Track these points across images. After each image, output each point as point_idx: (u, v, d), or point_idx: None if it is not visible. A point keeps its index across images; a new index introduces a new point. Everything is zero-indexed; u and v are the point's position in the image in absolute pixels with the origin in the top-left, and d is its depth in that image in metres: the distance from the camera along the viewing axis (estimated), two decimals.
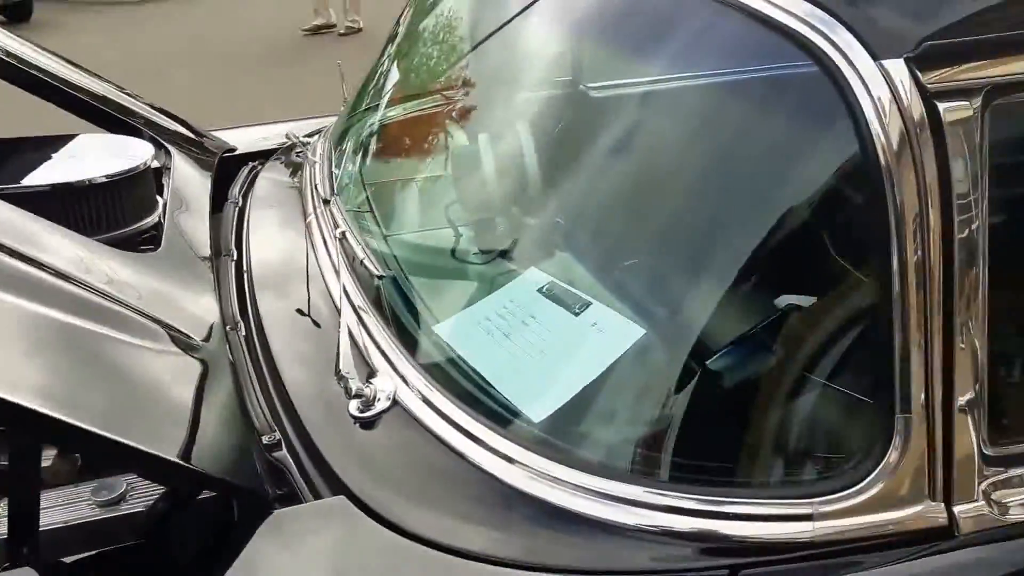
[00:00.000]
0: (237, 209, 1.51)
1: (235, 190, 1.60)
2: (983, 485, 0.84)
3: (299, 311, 1.19)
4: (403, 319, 1.14)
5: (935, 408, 0.82)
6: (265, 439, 1.02)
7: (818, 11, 0.82)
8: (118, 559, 1.01)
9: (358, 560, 0.88)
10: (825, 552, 0.82)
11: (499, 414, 0.98)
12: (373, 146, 1.48)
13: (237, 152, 1.75)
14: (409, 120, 1.51)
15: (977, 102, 0.79)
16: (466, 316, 1.13)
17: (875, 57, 0.79)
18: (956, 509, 0.83)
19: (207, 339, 1.13)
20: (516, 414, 0.98)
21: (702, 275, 0.99)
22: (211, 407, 1.03)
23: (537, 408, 0.96)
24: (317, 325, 1.17)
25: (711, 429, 0.92)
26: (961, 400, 0.82)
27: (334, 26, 6.84)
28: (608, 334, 1.00)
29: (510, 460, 0.92)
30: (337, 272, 1.17)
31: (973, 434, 0.83)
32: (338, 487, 0.94)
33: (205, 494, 1.00)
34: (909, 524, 0.83)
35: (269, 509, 0.93)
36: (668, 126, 1.09)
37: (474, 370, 1.04)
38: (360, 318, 1.10)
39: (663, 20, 1.08)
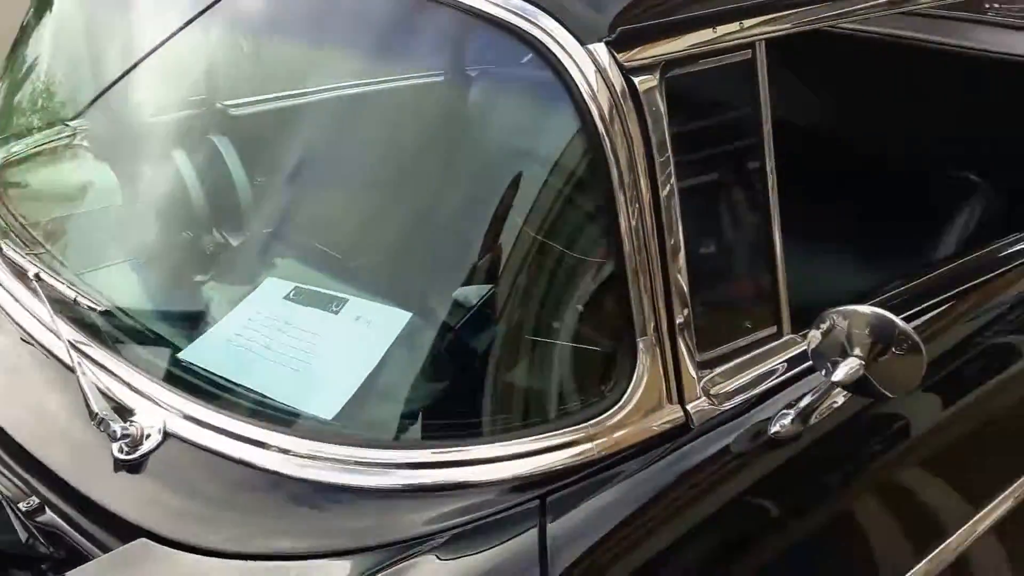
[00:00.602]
0: None
1: None
2: (701, 384, 1.04)
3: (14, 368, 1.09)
4: (147, 353, 1.11)
5: (662, 331, 1.01)
6: (22, 506, 0.94)
7: (524, 3, 0.96)
8: None
9: None
10: (608, 464, 0.96)
11: (282, 419, 1.01)
12: (33, 179, 1.38)
13: None
14: (65, 148, 1.43)
15: (657, 75, 0.97)
16: (213, 337, 1.13)
17: (581, 42, 0.94)
18: (688, 407, 1.02)
19: None
20: (301, 416, 1.02)
21: (448, 252, 1.10)
22: None
23: (326, 405, 1.01)
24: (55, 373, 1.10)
25: (492, 385, 1.03)
26: (678, 321, 1.01)
27: None
28: (376, 324, 1.07)
29: (304, 456, 0.96)
30: (52, 317, 1.09)
31: (690, 346, 1.03)
32: (132, 532, 0.91)
33: None
34: (659, 427, 1.01)
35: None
36: (387, 120, 1.18)
37: (244, 385, 1.05)
38: (95, 360, 1.05)
39: (373, 20, 1.16)
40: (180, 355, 1.11)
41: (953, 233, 1.77)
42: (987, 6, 2.23)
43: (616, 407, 0.98)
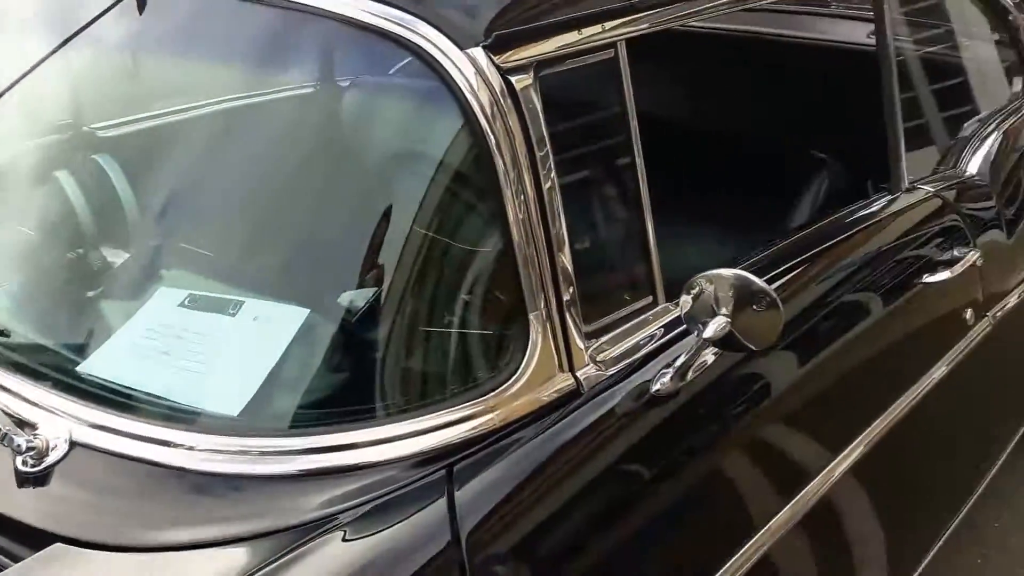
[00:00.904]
0: None
1: None
2: (588, 352, 1.14)
3: None
4: (47, 368, 1.14)
5: (551, 308, 1.10)
6: None
7: (403, 13, 1.04)
8: None
9: None
10: (509, 432, 1.05)
11: (186, 418, 1.07)
12: None
13: None
14: None
15: (532, 74, 1.07)
16: (110, 349, 1.16)
17: (460, 47, 1.03)
18: (578, 374, 1.12)
19: None
20: (206, 414, 1.08)
21: (344, 249, 1.16)
22: None
23: (231, 402, 1.06)
24: None
25: (394, 369, 1.10)
26: (565, 299, 1.11)
27: None
28: (274, 322, 1.12)
29: (208, 451, 1.02)
30: None
31: (577, 320, 1.13)
32: (45, 540, 0.95)
33: None
34: (553, 394, 1.10)
35: None
36: (274, 128, 1.23)
37: (146, 391, 1.09)
38: None
39: (258, 34, 1.21)
40: (79, 368, 1.14)
41: (805, 205, 1.94)
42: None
43: (512, 379, 1.07)
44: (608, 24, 1.15)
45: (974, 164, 1.92)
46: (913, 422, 1.57)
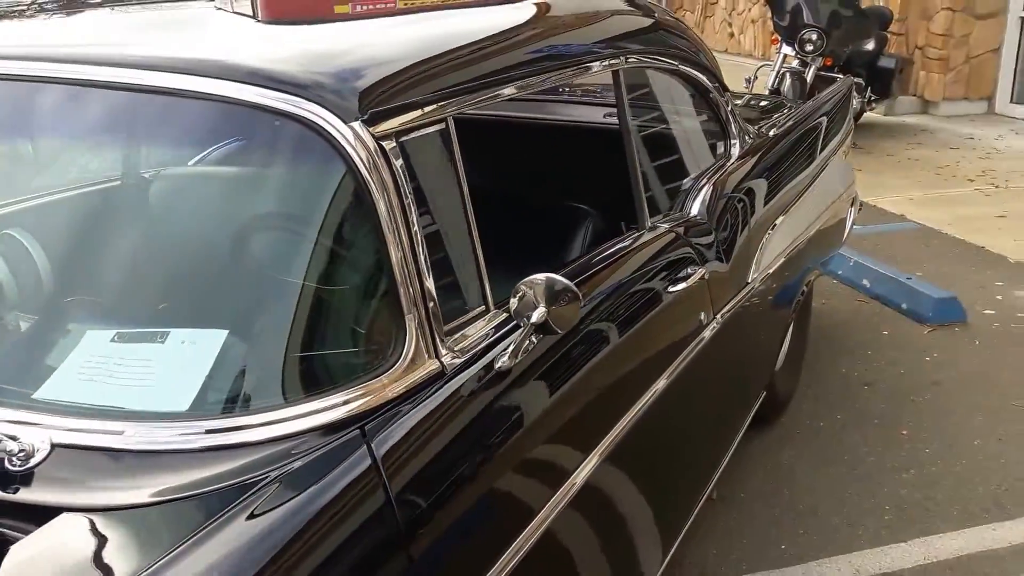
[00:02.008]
0: None
1: None
2: (446, 345, 1.53)
3: None
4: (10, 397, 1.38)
5: (420, 314, 1.47)
6: None
7: (301, 99, 1.41)
8: None
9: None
10: (399, 401, 1.41)
11: (139, 415, 1.35)
12: None
13: None
14: None
15: (395, 140, 1.47)
16: (59, 381, 1.41)
17: (344, 121, 1.42)
18: (442, 360, 1.51)
19: None
20: (158, 413, 1.36)
21: (258, 279, 1.50)
22: None
23: (179, 402, 1.36)
24: None
25: (315, 362, 1.44)
26: (430, 306, 1.50)
27: None
28: (200, 342, 1.43)
29: (176, 435, 1.31)
30: None
31: (439, 322, 1.51)
32: (48, 514, 1.20)
33: None
34: (426, 373, 1.47)
35: None
36: (185, 191, 1.55)
37: (104, 407, 1.36)
38: None
39: (183, 115, 1.53)
40: (35, 396, 1.40)
41: (578, 242, 2.46)
42: (565, 90, 3.13)
43: (397, 364, 1.43)
44: (439, 104, 1.58)
45: (695, 208, 2.51)
46: (669, 399, 2.07)
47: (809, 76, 7.65)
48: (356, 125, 1.43)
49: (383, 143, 1.45)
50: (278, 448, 1.30)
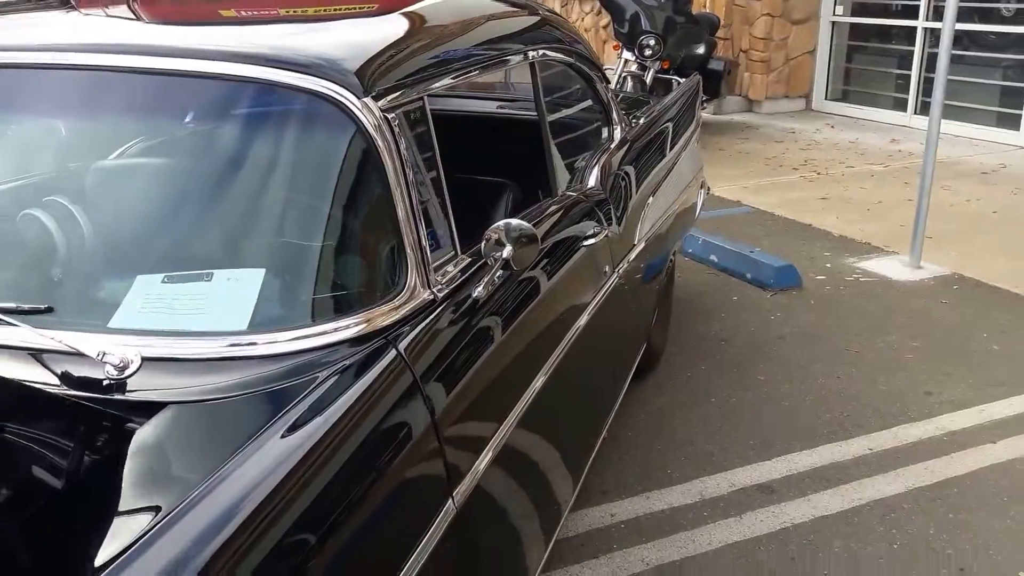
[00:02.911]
0: None
1: None
2: (430, 278, 1.90)
3: None
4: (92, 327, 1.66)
5: (418, 254, 1.84)
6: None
7: (326, 82, 1.76)
8: None
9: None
10: (407, 320, 1.77)
11: (205, 334, 1.66)
12: None
13: None
14: None
15: (396, 111, 1.84)
16: (126, 314, 1.70)
17: (358, 97, 1.77)
18: (434, 290, 1.87)
19: None
20: (229, 332, 1.67)
21: (291, 224, 1.82)
22: None
23: (238, 322, 1.68)
24: None
25: (348, 290, 1.78)
26: (424, 247, 1.86)
27: None
28: (243, 279, 1.75)
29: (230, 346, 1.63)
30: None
31: (428, 260, 1.88)
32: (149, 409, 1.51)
33: None
34: (421, 302, 1.84)
35: None
36: (230, 149, 1.85)
37: (174, 330, 1.66)
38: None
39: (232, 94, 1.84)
40: (110, 325, 1.69)
41: (502, 208, 2.88)
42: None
43: (403, 291, 1.80)
44: (417, 85, 1.96)
45: (591, 181, 2.95)
46: (586, 339, 2.50)
47: (648, 78, 8.32)
48: (367, 100, 1.79)
49: (386, 114, 1.81)
50: (329, 353, 1.64)
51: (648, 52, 8.22)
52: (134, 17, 2.23)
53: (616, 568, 2.83)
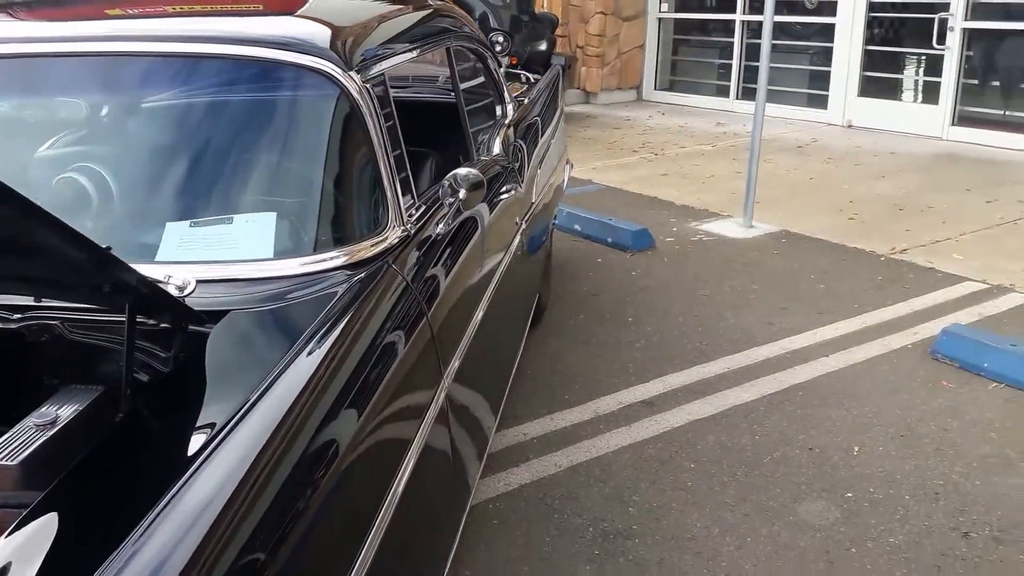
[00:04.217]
0: None
1: None
2: (404, 217, 2.38)
3: None
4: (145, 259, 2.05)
5: (395, 197, 2.32)
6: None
7: (322, 60, 2.21)
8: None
9: None
10: (393, 249, 2.25)
11: (254, 259, 2.08)
12: None
13: None
14: None
15: (372, 81, 2.31)
16: (167, 250, 2.10)
17: (345, 71, 2.23)
18: (407, 227, 2.35)
19: None
20: (261, 259, 2.09)
21: (292, 177, 2.26)
22: None
23: (265, 250, 2.11)
24: None
25: (343, 229, 2.23)
26: (398, 190, 2.35)
27: None
28: (259, 220, 2.18)
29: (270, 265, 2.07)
30: None
31: (402, 203, 2.37)
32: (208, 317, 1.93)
33: None
34: (400, 236, 2.32)
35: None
36: (239, 116, 2.26)
37: (214, 259, 2.08)
38: None
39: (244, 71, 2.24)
40: (157, 259, 2.08)
41: (428, 174, 3.37)
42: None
43: (387, 227, 2.27)
44: (381, 63, 2.43)
45: (496, 148, 3.48)
46: (509, 273, 3.03)
47: (500, 74, 8.91)
48: (352, 74, 2.25)
49: (365, 84, 2.28)
50: (345, 272, 2.09)
51: (498, 48, 8.81)
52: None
53: (535, 471, 3.37)
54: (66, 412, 1.66)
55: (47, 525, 1.29)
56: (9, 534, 1.25)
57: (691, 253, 5.74)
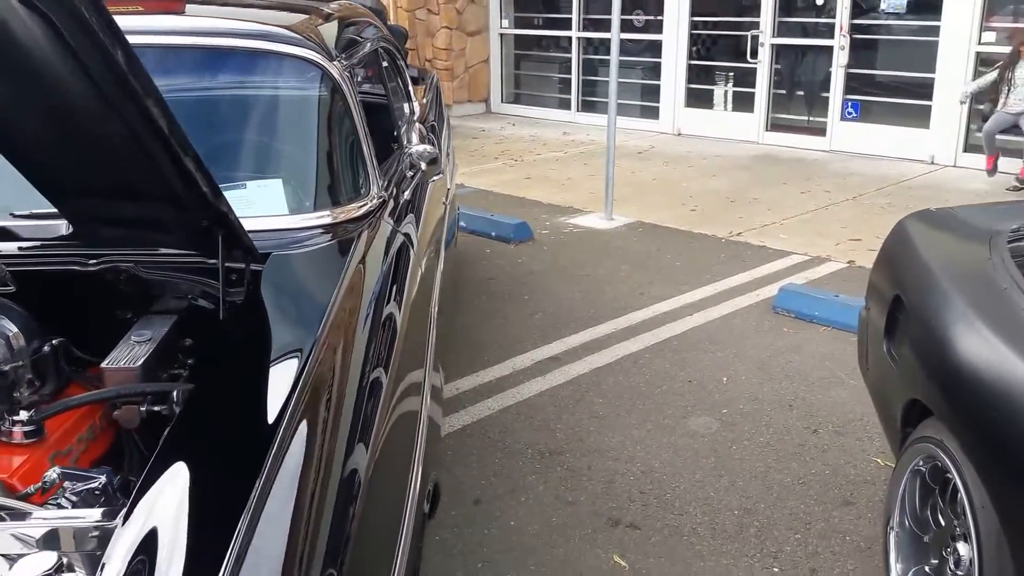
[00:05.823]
0: None
1: None
2: (379, 184, 3.03)
3: None
4: None
5: (374, 164, 2.97)
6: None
7: (310, 51, 2.82)
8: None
9: None
10: (373, 211, 2.88)
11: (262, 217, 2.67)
12: None
13: None
14: None
15: (347, 72, 2.95)
16: None
17: (330, 60, 2.86)
18: (382, 194, 3.00)
19: None
20: (278, 216, 2.68)
21: (289, 145, 2.85)
22: None
23: (281, 207, 2.70)
24: None
25: (339, 193, 2.85)
26: (374, 162, 2.99)
27: None
28: (270, 185, 2.77)
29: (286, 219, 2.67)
30: None
31: (378, 171, 3.01)
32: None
33: None
34: (380, 200, 2.97)
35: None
36: (241, 103, 2.82)
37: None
38: None
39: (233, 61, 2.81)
40: None
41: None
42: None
43: (371, 194, 2.87)
44: (351, 56, 3.07)
45: (415, 139, 4.12)
46: (446, 237, 3.70)
47: None
48: (335, 62, 2.87)
49: (343, 72, 2.91)
50: (354, 224, 2.70)
51: None
52: None
53: (472, 415, 4.04)
54: (157, 333, 2.19)
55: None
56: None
57: (566, 242, 6.55)
